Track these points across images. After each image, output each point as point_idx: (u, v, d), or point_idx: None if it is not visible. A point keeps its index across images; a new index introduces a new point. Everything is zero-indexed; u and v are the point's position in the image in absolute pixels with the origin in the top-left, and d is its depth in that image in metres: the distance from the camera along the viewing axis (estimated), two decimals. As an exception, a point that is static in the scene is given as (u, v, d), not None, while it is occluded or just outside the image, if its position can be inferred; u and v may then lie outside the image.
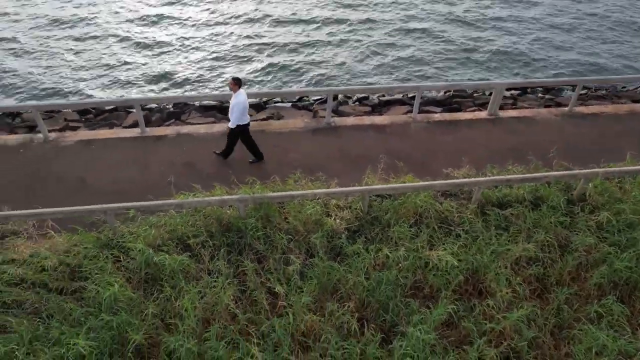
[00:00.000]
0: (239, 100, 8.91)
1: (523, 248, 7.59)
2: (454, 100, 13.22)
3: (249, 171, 9.22)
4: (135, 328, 6.35)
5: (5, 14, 19.97)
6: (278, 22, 19.65)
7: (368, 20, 19.49)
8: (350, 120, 10.98)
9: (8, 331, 6.39)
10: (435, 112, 11.73)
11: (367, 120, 11.01)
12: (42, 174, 9.34)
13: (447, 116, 11.26)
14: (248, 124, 9.32)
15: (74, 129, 11.59)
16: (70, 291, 7.00)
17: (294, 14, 20.25)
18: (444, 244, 7.51)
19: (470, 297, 7.19)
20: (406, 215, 7.94)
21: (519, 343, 6.51)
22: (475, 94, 13.97)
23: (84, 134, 10.64)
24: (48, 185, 9.09)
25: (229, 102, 12.24)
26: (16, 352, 6.06)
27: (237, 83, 8.93)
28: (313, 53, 17.03)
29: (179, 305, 6.64)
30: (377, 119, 11.05)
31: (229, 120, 9.22)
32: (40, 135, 10.36)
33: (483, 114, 11.32)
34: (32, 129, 11.78)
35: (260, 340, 6.41)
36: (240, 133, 9.34)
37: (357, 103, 13.44)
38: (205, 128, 10.75)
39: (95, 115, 12.97)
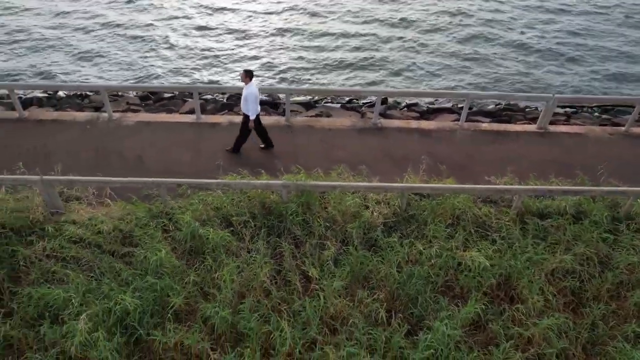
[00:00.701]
0: (251, 92, 9.32)
1: (560, 259, 7.58)
2: (504, 113, 13.19)
3: (294, 161, 9.62)
4: (176, 293, 6.86)
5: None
6: (337, 21, 20.20)
7: (426, 28, 19.66)
8: (396, 123, 11.23)
9: (65, 282, 7.05)
10: (483, 122, 11.77)
11: (414, 124, 11.22)
12: (104, 149, 10.15)
13: (495, 126, 11.29)
14: (258, 115, 9.83)
15: (135, 111, 12.43)
16: (120, 254, 7.63)
17: (356, 14, 20.74)
18: (478, 247, 7.60)
19: (501, 302, 7.26)
20: (443, 216, 8.10)
21: (547, 350, 6.53)
22: (527, 109, 13.86)
23: (144, 115, 11.46)
24: (109, 158, 9.87)
25: (280, 99, 12.79)
26: (72, 301, 6.71)
27: (248, 75, 9.36)
28: (365, 56, 17.37)
29: (217, 276, 7.11)
30: (424, 124, 11.24)
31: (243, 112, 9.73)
32: (105, 115, 11.24)
33: (532, 127, 11.26)
34: (97, 109, 12.74)
35: (290, 318, 6.76)
36: (254, 122, 9.77)
37: (405, 109, 13.66)
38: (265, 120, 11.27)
39: (154, 101, 13.85)
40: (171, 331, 6.51)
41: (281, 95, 13.34)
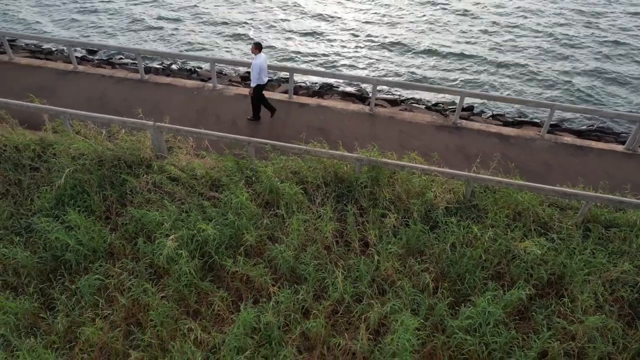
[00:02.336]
0: (256, 63, 10.44)
1: (622, 270, 7.68)
2: (593, 134, 13.04)
3: (370, 141, 10.43)
4: (250, 232, 7.96)
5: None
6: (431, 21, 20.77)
7: (520, 34, 19.61)
8: (476, 125, 11.66)
9: (161, 210, 8.42)
10: (567, 136, 11.81)
11: (494, 128, 11.58)
12: (206, 112, 11.66)
13: (578, 141, 11.32)
14: (265, 85, 10.89)
15: (235, 86, 13.94)
16: (207, 196, 8.90)
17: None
18: (534, 242, 7.91)
19: (549, 299, 7.53)
20: (505, 209, 8.48)
21: (589, 350, 6.73)
22: (623, 134, 13.55)
23: (243, 90, 12.88)
24: (209, 120, 11.34)
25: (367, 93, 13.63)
26: (164, 224, 8.04)
27: (257, 47, 10.51)
28: (450, 61, 17.76)
29: (287, 224, 8.12)
30: (504, 130, 11.56)
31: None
32: (210, 84, 12.82)
33: (619, 148, 11.15)
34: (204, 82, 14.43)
35: (344, 272, 7.58)
36: (257, 92, 10.82)
37: (490, 118, 13.96)
38: (343, 105, 12.29)
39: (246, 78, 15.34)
40: (240, 263, 7.60)
41: (369, 89, 14.23)
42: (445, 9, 22.53)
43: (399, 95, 14.88)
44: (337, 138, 10.80)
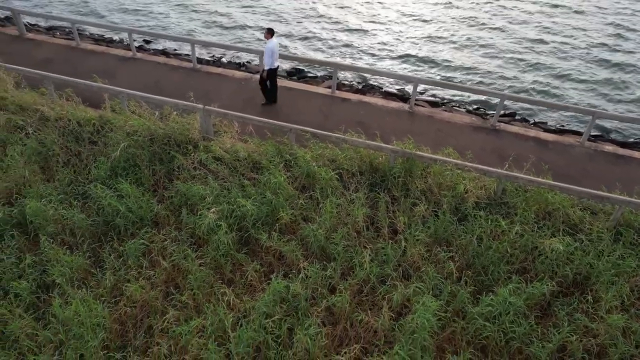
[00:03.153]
0: (267, 47, 11.26)
1: (651, 276, 7.73)
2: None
3: (407, 137, 10.76)
4: (285, 211, 8.48)
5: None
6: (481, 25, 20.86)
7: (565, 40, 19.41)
8: (514, 129, 11.81)
9: (204, 186, 9.09)
10: (609, 145, 11.75)
11: (532, 132, 11.68)
12: (252, 101, 12.33)
13: (620, 150, 11.26)
14: (276, 69, 11.64)
15: (283, 79, 14.59)
16: (248, 177, 9.50)
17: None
18: (561, 241, 8.05)
19: (573, 298, 7.65)
20: (535, 208, 8.65)
21: (611, 349, 6.85)
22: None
23: (289, 83, 13.50)
24: (254, 109, 11.99)
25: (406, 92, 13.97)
26: (207, 199, 8.69)
27: (269, 32, 11.35)
28: (499, 64, 17.81)
29: (321, 207, 8.60)
30: (542, 135, 11.64)
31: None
32: (257, 76, 13.49)
33: (665, 159, 11.04)
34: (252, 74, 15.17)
35: (372, 255, 7.98)
36: (270, 76, 11.61)
37: (532, 125, 13.99)
38: (383, 102, 12.69)
39: (298, 78, 15.98)
40: (275, 238, 8.14)
41: (409, 90, 14.56)
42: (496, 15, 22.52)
43: (441, 98, 15.11)
44: (375, 132, 11.21)
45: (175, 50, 17.60)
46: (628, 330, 7.16)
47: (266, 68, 11.56)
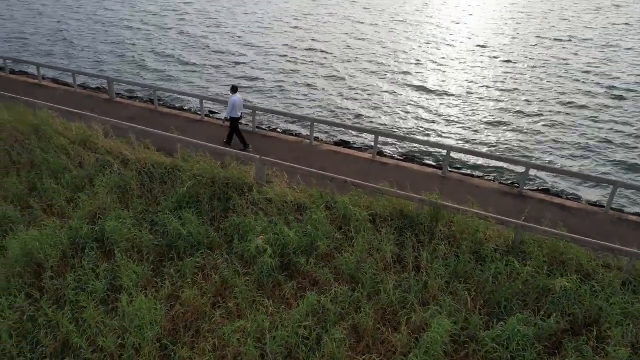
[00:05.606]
0: (230, 101, 14.51)
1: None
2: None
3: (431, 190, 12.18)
4: (323, 242, 9.92)
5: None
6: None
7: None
8: (541, 196, 12.96)
9: (255, 219, 10.74)
10: (634, 216, 12.58)
11: (558, 200, 12.79)
12: (300, 160, 14.24)
13: (644, 220, 12.11)
14: (238, 119, 14.68)
15: (327, 144, 16.61)
16: (294, 216, 11.10)
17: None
18: (569, 281, 8.94)
19: (582, 336, 8.42)
20: (549, 256, 9.65)
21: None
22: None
23: (333, 147, 15.45)
24: (301, 164, 13.85)
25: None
26: (257, 228, 10.30)
27: (233, 89, 14.71)
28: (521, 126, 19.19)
29: (354, 242, 9.99)
30: (567, 202, 12.72)
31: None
32: (307, 141, 15.58)
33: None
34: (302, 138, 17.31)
35: (396, 283, 9.16)
36: (232, 124, 14.62)
37: (559, 195, 15.03)
38: (419, 168, 14.33)
39: (336, 143, 17.96)
40: (312, 265, 9.52)
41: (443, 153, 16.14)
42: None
43: (473, 165, 16.59)
44: (410, 190, 12.68)
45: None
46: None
47: (227, 116, 14.79)
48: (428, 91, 24.80)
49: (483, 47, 35.69)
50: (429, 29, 41.44)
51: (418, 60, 30.44)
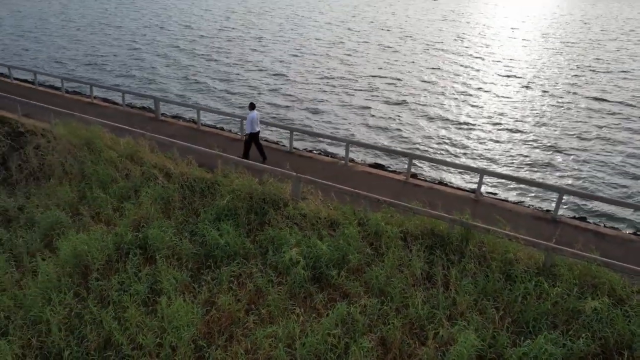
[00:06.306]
0: (248, 117, 15.44)
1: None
2: None
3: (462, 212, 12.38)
4: (354, 257, 10.29)
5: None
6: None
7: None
8: (574, 222, 12.96)
9: (289, 233, 11.23)
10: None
11: (592, 226, 12.76)
12: (337, 179, 14.72)
13: (682, 251, 11.93)
14: (257, 133, 15.59)
15: (362, 164, 17.06)
16: (327, 233, 11.53)
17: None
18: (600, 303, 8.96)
19: (615, 361, 8.43)
20: (581, 279, 9.70)
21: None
22: None
23: (366, 167, 15.90)
24: (338, 183, 14.33)
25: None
26: (290, 240, 10.78)
27: (250, 107, 15.66)
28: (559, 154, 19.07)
29: (384, 257, 10.32)
30: (602, 229, 12.66)
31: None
32: (342, 162, 16.09)
33: None
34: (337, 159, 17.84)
35: (424, 299, 9.40)
36: (252, 139, 15.52)
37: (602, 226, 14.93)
38: (452, 190, 14.55)
39: (369, 165, 18.37)
40: (342, 277, 9.89)
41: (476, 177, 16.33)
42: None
43: (506, 189, 16.66)
44: (445, 212, 12.95)
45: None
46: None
47: (247, 132, 15.63)
48: (464, 118, 25.07)
49: (520, 77, 35.82)
50: (465, 60, 41.83)
51: (454, 89, 30.81)
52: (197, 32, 50.29)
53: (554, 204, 14.17)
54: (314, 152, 18.81)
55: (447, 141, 22.06)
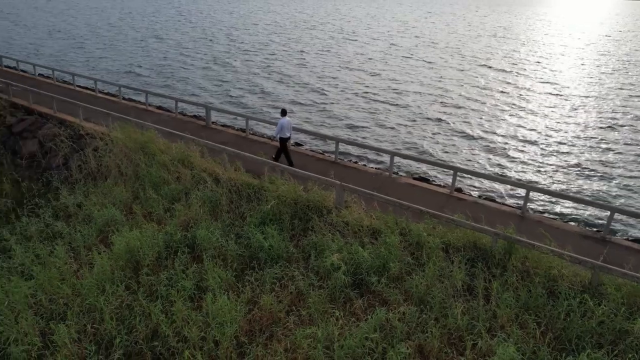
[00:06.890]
0: (279, 122, 16.20)
1: None
2: None
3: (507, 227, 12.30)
4: (394, 265, 10.46)
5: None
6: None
7: None
8: (626, 243, 12.62)
9: (331, 239, 11.54)
10: None
11: (637, 246, 12.40)
12: (380, 190, 14.95)
13: None
14: (287, 139, 16.30)
15: (406, 177, 17.19)
16: (368, 241, 11.75)
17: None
18: None
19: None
20: (629, 299, 9.49)
21: None
22: None
23: (411, 180, 16.01)
24: (382, 193, 14.55)
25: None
26: (332, 247, 11.08)
27: (282, 113, 16.40)
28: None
29: (425, 267, 10.44)
30: (650, 249, 12.31)
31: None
32: (386, 173, 16.30)
33: None
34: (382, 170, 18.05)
35: (464, 310, 9.45)
36: (281, 143, 16.25)
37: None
38: (497, 206, 14.47)
39: (413, 177, 18.44)
40: (383, 284, 10.08)
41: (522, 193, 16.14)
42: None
43: (554, 207, 16.35)
44: (479, 219, 12.92)
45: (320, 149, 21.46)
46: None
47: (276, 137, 16.62)
48: (512, 133, 24.79)
49: (574, 96, 35.04)
50: (515, 78, 41.29)
51: (503, 105, 30.53)
52: (256, 46, 51.94)
53: (605, 223, 13.85)
54: (359, 162, 19.10)
55: (493, 157, 21.90)
